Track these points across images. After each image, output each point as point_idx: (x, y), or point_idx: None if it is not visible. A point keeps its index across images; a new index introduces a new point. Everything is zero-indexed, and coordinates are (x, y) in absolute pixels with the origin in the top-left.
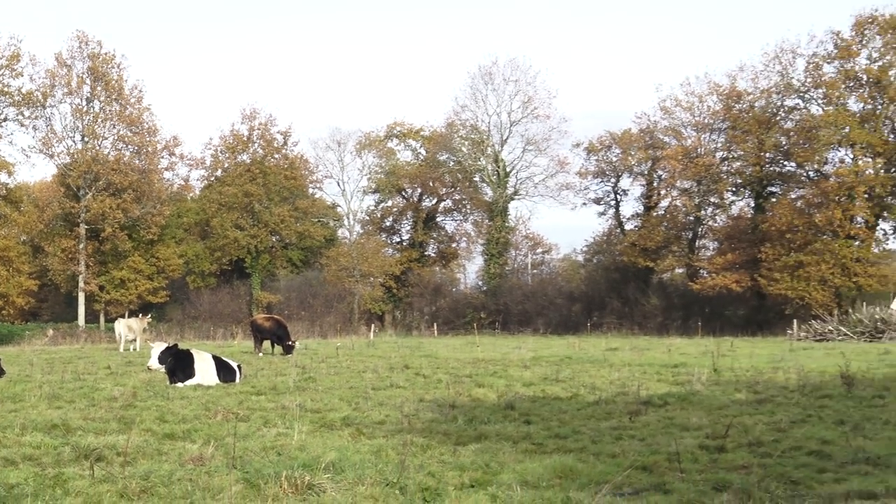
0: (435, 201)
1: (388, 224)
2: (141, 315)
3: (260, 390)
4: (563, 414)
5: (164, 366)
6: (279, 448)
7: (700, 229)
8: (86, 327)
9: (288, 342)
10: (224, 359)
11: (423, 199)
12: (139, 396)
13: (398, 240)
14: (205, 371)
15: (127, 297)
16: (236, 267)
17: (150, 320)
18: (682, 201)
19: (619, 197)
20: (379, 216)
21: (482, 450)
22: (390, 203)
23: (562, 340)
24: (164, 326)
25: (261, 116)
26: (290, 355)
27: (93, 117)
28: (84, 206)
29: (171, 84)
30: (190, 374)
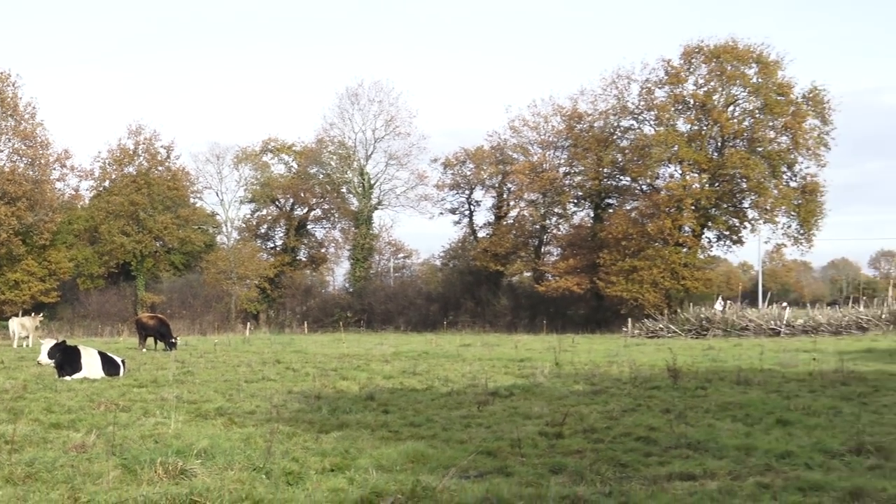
0: (306, 210)
1: (262, 231)
2: (33, 314)
3: (142, 383)
4: (419, 404)
5: (53, 361)
6: (156, 436)
7: (545, 237)
8: None
9: (170, 339)
10: (109, 354)
11: (295, 208)
12: (29, 389)
13: (272, 245)
14: (91, 365)
15: (21, 298)
16: (123, 270)
17: (42, 319)
18: (529, 211)
19: (472, 207)
20: (254, 224)
21: (343, 437)
22: (265, 212)
23: (420, 337)
24: (56, 324)
25: (146, 132)
26: (171, 351)
27: None
28: None
29: (63, 100)
30: (77, 368)
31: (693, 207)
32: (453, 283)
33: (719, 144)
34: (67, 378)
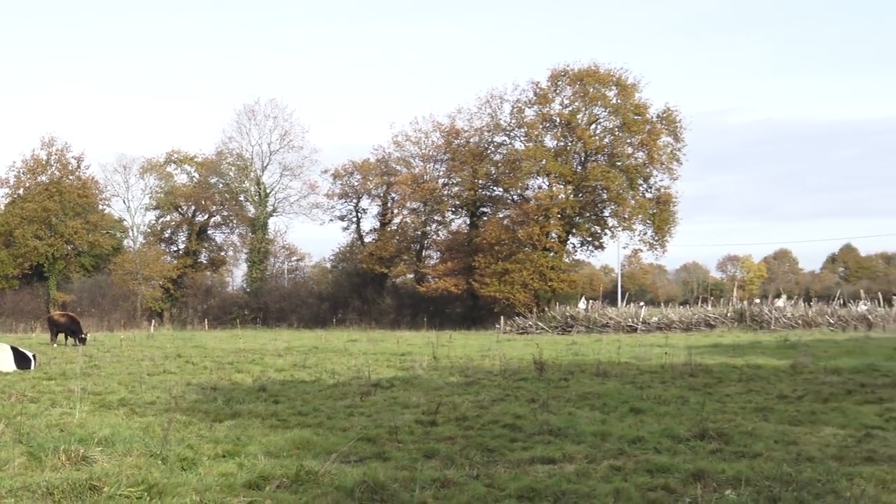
0: (206, 217)
1: (166, 235)
2: None
3: (51, 376)
4: (307, 395)
5: None
6: (62, 425)
7: (426, 242)
8: None
9: (80, 335)
10: (21, 349)
11: (197, 215)
12: None
13: (175, 249)
14: (3, 359)
15: None
16: (36, 271)
17: None
18: (411, 219)
19: (359, 214)
20: (159, 229)
21: (235, 425)
22: (168, 218)
23: (312, 333)
24: None
25: (58, 143)
26: (81, 346)
27: None
28: None
29: None
30: None
31: (559, 216)
32: (342, 283)
33: (583, 159)
34: None
